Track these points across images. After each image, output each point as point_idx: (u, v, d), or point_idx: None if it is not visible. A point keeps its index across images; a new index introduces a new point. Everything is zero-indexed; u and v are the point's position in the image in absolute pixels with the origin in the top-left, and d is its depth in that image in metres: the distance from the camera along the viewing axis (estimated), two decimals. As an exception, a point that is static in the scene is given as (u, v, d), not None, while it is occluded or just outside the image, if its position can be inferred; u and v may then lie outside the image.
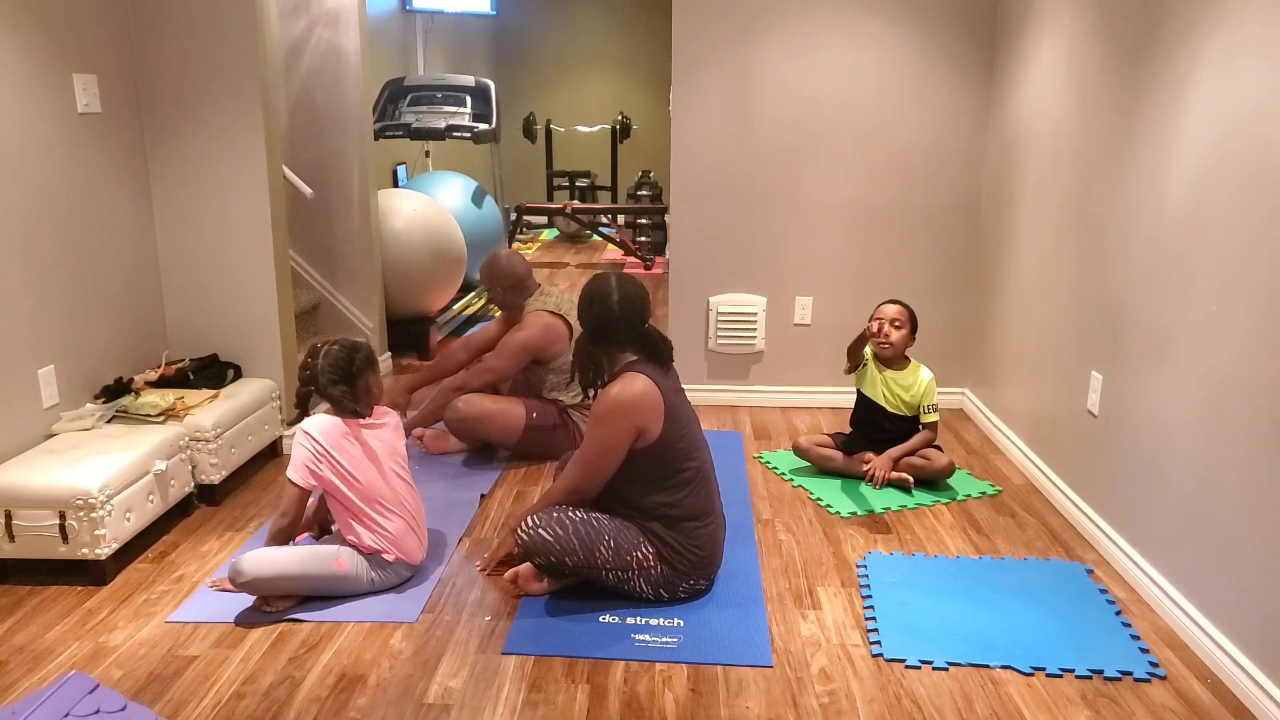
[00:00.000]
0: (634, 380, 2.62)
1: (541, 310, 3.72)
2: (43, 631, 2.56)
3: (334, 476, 2.66)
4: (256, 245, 3.66)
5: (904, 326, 3.55)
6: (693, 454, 2.69)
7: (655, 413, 2.61)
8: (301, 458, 2.66)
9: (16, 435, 2.97)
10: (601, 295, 2.71)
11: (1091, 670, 2.40)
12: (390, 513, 2.73)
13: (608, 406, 2.61)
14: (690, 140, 4.28)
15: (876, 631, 2.58)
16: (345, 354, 2.75)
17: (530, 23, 10.29)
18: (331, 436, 2.67)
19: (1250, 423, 2.30)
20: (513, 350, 3.67)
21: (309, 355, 2.77)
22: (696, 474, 2.68)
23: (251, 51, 3.51)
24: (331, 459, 2.66)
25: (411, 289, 5.19)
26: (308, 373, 2.75)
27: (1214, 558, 2.45)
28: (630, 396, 2.60)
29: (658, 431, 2.61)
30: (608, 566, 2.63)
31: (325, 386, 2.72)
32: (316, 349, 2.77)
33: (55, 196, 3.13)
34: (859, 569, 2.93)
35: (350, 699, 2.28)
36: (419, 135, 6.13)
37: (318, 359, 2.74)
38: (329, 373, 2.72)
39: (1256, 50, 2.30)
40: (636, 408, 2.59)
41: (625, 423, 2.60)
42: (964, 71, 4.17)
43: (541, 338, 3.66)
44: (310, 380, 2.75)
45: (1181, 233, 2.61)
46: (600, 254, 8.91)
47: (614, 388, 2.62)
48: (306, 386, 2.76)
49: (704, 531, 2.68)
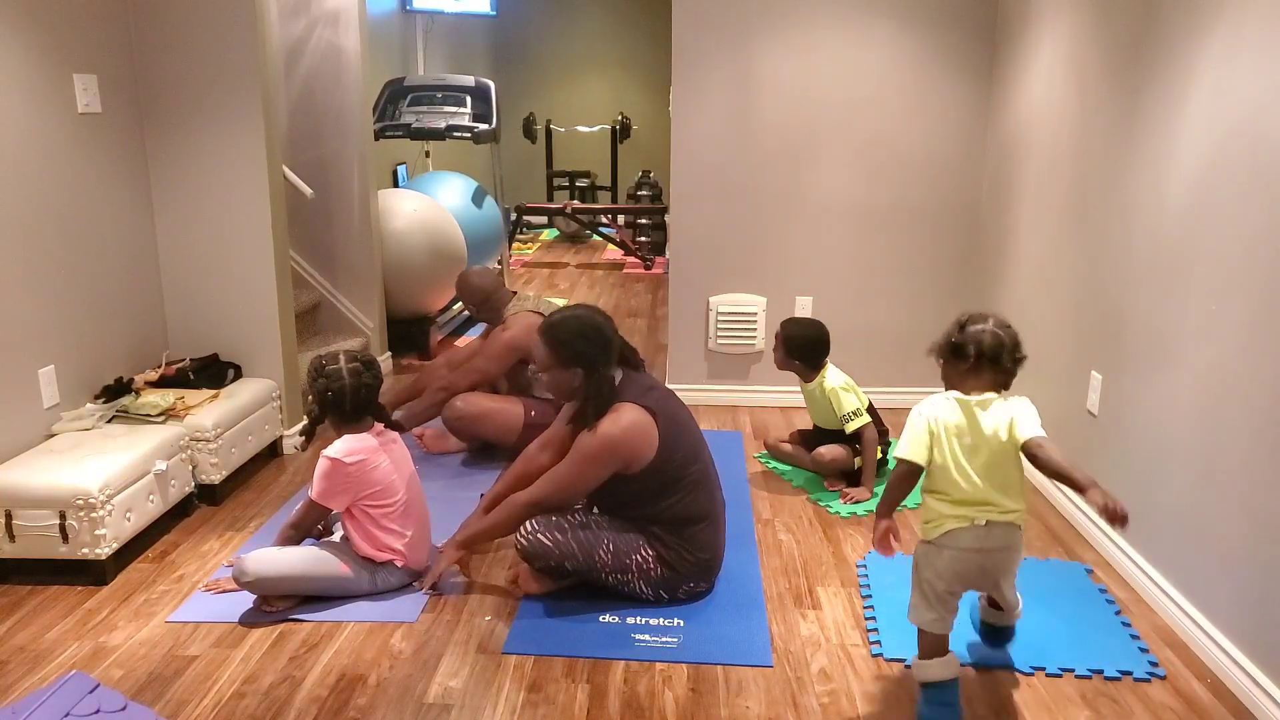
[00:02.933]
0: (622, 414, 2.58)
1: (523, 311, 3.73)
2: (43, 631, 2.56)
3: (366, 497, 2.63)
4: (256, 245, 3.66)
5: (778, 348, 3.56)
6: (694, 458, 2.67)
7: (647, 442, 2.58)
8: (333, 485, 2.60)
9: (17, 435, 2.98)
10: (592, 325, 2.64)
11: (1091, 670, 2.40)
12: (410, 522, 2.73)
13: (598, 446, 2.56)
14: (690, 140, 4.28)
15: (876, 631, 2.59)
16: (365, 370, 2.66)
17: (530, 23, 10.28)
18: (363, 459, 2.61)
19: (1250, 423, 2.30)
20: (498, 351, 3.68)
21: (322, 376, 2.64)
22: (699, 476, 2.68)
23: (251, 51, 3.51)
24: (361, 482, 2.62)
25: (411, 289, 5.19)
26: (330, 396, 2.63)
27: (1214, 558, 2.45)
28: (619, 433, 2.55)
29: (650, 456, 2.58)
30: (607, 569, 2.63)
31: (352, 412, 2.65)
32: (331, 370, 2.64)
33: (55, 196, 3.13)
34: (859, 569, 2.93)
35: (350, 699, 2.28)
36: (419, 135, 6.13)
37: (340, 380, 2.61)
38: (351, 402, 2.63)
39: (1256, 50, 2.30)
40: (626, 443, 2.56)
41: (610, 461, 2.58)
42: (964, 72, 4.17)
43: (526, 336, 3.65)
44: (335, 402, 2.63)
45: (1181, 232, 2.62)
46: (600, 254, 8.91)
47: (604, 424, 2.57)
48: (325, 414, 2.67)
49: (705, 534, 2.68)
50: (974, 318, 2.18)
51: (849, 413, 3.46)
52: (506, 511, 2.67)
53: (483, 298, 3.85)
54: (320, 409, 2.69)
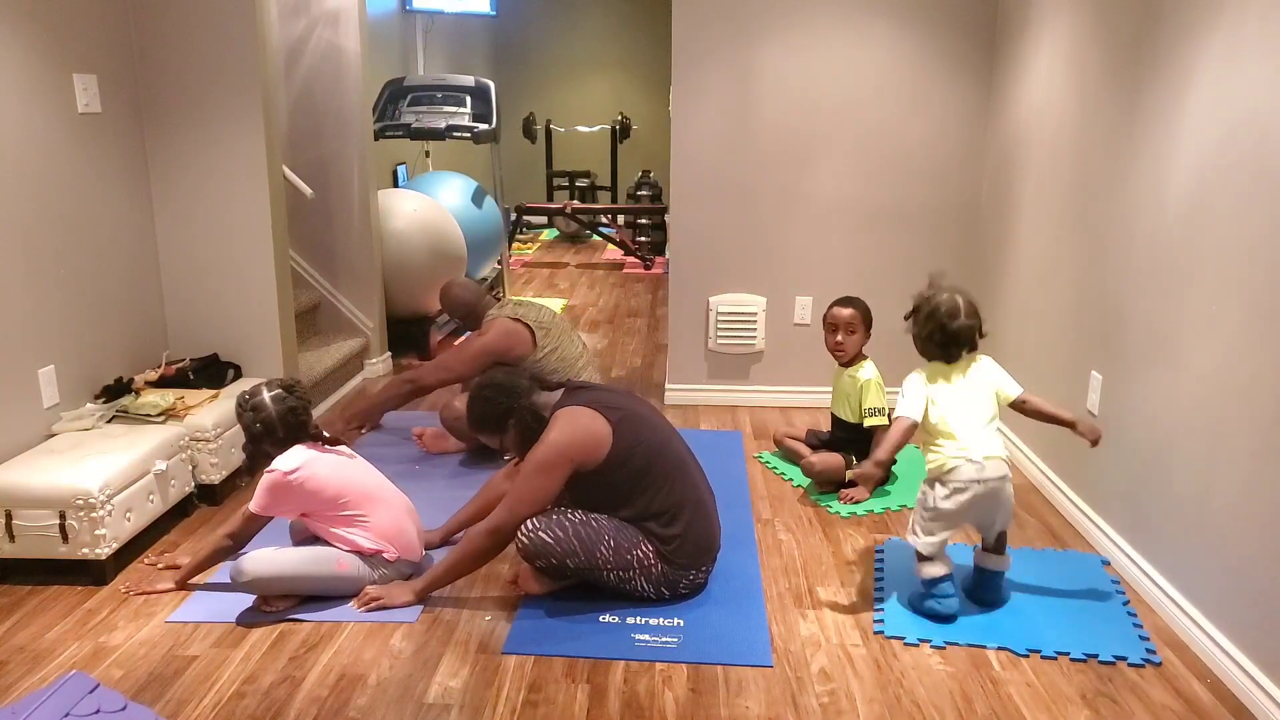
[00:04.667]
0: (559, 418, 2.62)
1: (500, 317, 3.74)
2: (43, 631, 2.56)
3: (310, 497, 2.63)
4: (256, 245, 3.66)
5: (857, 330, 3.51)
6: (662, 447, 2.67)
7: (593, 436, 2.59)
8: (275, 499, 2.62)
9: (17, 435, 2.98)
10: (483, 387, 2.71)
11: (1087, 654, 2.44)
12: (376, 505, 2.72)
13: (544, 452, 2.57)
14: (690, 140, 4.28)
15: (881, 609, 2.65)
16: (288, 395, 2.69)
17: (530, 23, 10.28)
18: (303, 475, 2.61)
19: (1250, 423, 2.30)
20: (470, 355, 3.66)
21: (249, 410, 2.68)
22: (674, 466, 2.68)
23: (251, 51, 3.51)
24: (303, 494, 2.62)
25: (411, 289, 5.19)
26: (259, 428, 2.67)
27: (1214, 558, 2.45)
28: (560, 435, 2.58)
29: (605, 448, 2.59)
30: (609, 566, 2.62)
31: (286, 438, 2.67)
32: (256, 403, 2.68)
33: (55, 196, 3.13)
34: (876, 553, 3.00)
35: (350, 699, 2.28)
36: (419, 135, 6.13)
37: (265, 410, 2.66)
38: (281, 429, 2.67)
39: (1256, 50, 2.30)
40: (572, 442, 2.57)
41: (562, 463, 2.58)
42: (964, 71, 4.17)
43: (499, 342, 3.66)
44: (267, 433, 2.67)
45: (1181, 232, 2.62)
46: (600, 254, 8.91)
47: (552, 432, 2.59)
48: (261, 445, 2.69)
49: (695, 520, 2.68)
50: (949, 310, 2.63)
51: (873, 408, 3.44)
52: (466, 546, 2.63)
53: (466, 309, 3.92)
54: (254, 443, 2.71)
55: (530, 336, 3.69)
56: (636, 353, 5.52)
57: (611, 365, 5.24)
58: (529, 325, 3.70)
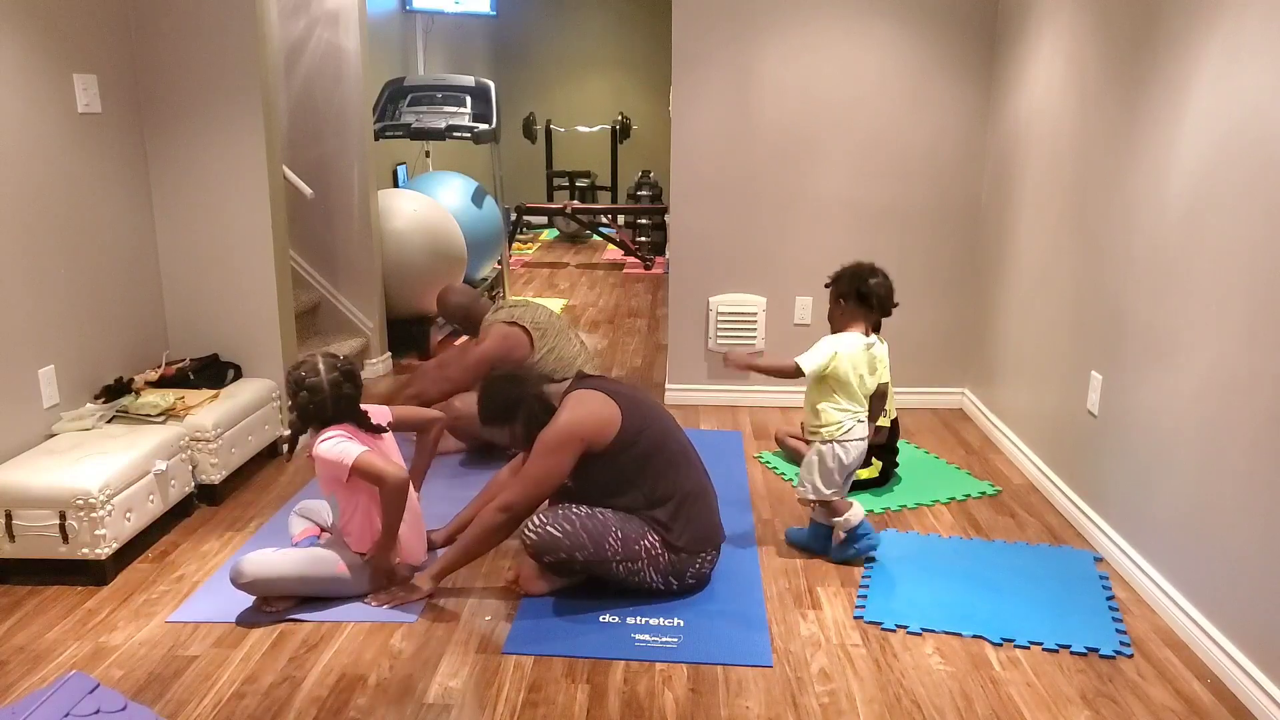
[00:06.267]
0: (569, 400, 2.67)
1: (496, 323, 3.74)
2: (43, 631, 2.56)
3: None
4: (256, 245, 3.66)
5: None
6: (666, 437, 2.71)
7: (604, 415, 2.63)
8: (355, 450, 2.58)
9: (17, 435, 2.98)
10: (492, 382, 2.77)
11: (1059, 645, 2.49)
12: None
13: (557, 431, 2.60)
14: (690, 140, 4.28)
15: (865, 596, 2.71)
16: (345, 382, 2.67)
17: (530, 23, 10.28)
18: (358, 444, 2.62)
19: (1250, 422, 2.30)
20: (471, 363, 3.69)
21: (304, 389, 2.64)
22: (677, 455, 2.72)
23: (251, 51, 3.51)
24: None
25: (411, 289, 5.19)
26: (311, 407, 2.64)
27: (1214, 558, 2.45)
28: (572, 415, 2.62)
29: (615, 428, 2.62)
30: (618, 558, 2.63)
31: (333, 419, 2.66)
32: (312, 384, 2.64)
33: (55, 196, 3.13)
34: None
35: (350, 699, 2.28)
36: (419, 135, 6.13)
37: (321, 393, 2.63)
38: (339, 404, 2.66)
39: (1256, 50, 2.30)
40: (585, 421, 2.62)
41: (573, 443, 2.60)
42: (964, 72, 4.17)
43: (498, 348, 3.68)
44: (316, 414, 2.65)
45: (1181, 232, 2.62)
46: (600, 254, 8.91)
47: (563, 414, 2.64)
48: (311, 421, 2.66)
49: (699, 508, 2.71)
50: (869, 269, 3.02)
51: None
52: (480, 526, 2.64)
53: (462, 315, 3.98)
54: (301, 420, 2.70)
55: (527, 339, 3.70)
56: (637, 353, 5.52)
57: (612, 365, 5.24)
58: (525, 328, 3.71)
